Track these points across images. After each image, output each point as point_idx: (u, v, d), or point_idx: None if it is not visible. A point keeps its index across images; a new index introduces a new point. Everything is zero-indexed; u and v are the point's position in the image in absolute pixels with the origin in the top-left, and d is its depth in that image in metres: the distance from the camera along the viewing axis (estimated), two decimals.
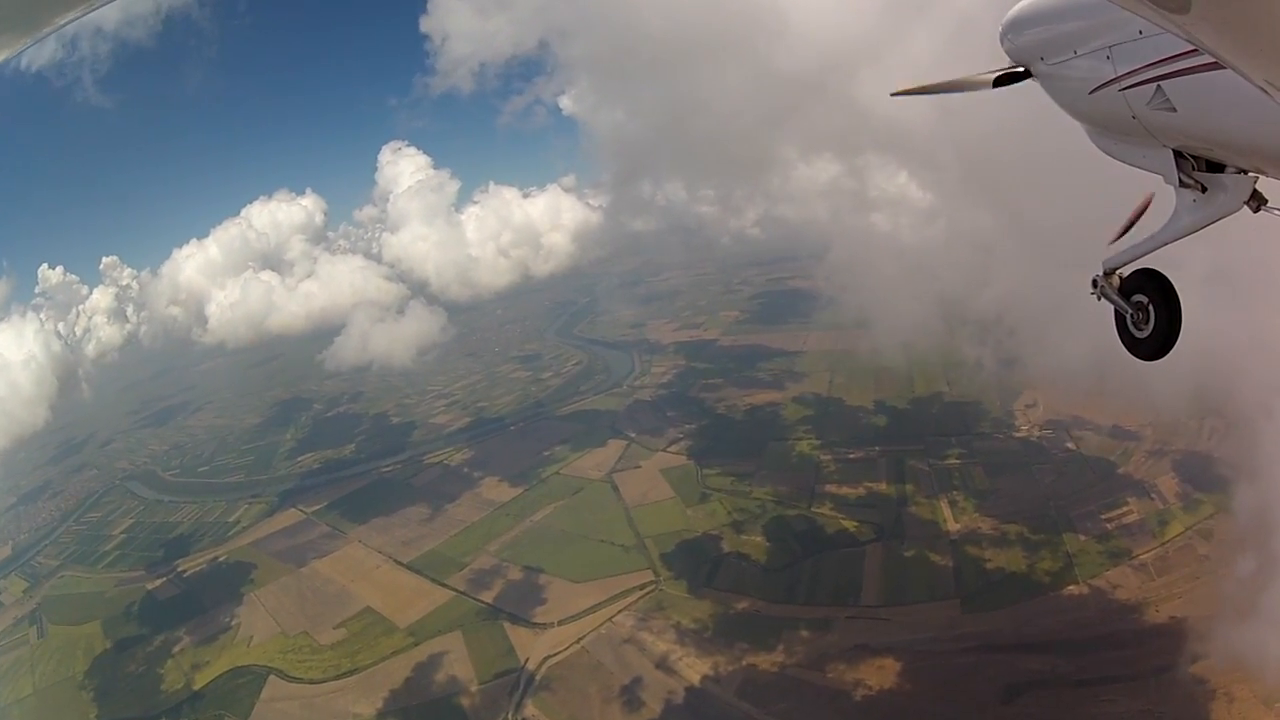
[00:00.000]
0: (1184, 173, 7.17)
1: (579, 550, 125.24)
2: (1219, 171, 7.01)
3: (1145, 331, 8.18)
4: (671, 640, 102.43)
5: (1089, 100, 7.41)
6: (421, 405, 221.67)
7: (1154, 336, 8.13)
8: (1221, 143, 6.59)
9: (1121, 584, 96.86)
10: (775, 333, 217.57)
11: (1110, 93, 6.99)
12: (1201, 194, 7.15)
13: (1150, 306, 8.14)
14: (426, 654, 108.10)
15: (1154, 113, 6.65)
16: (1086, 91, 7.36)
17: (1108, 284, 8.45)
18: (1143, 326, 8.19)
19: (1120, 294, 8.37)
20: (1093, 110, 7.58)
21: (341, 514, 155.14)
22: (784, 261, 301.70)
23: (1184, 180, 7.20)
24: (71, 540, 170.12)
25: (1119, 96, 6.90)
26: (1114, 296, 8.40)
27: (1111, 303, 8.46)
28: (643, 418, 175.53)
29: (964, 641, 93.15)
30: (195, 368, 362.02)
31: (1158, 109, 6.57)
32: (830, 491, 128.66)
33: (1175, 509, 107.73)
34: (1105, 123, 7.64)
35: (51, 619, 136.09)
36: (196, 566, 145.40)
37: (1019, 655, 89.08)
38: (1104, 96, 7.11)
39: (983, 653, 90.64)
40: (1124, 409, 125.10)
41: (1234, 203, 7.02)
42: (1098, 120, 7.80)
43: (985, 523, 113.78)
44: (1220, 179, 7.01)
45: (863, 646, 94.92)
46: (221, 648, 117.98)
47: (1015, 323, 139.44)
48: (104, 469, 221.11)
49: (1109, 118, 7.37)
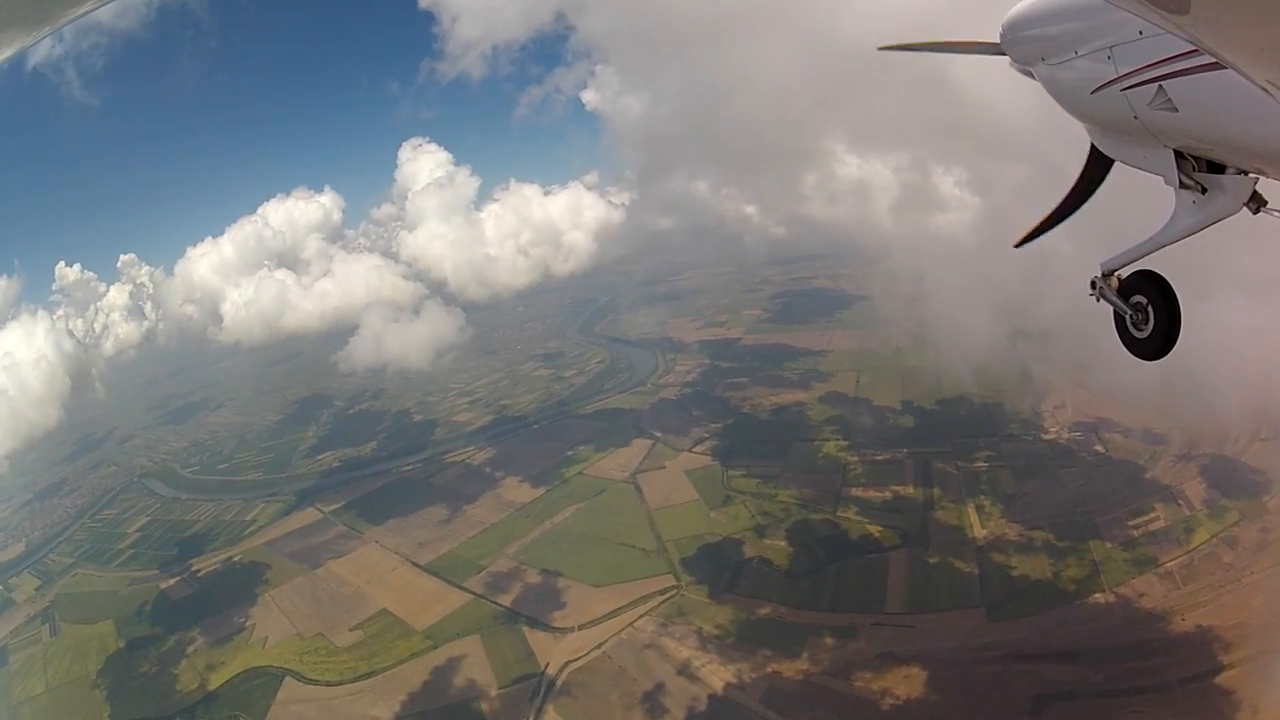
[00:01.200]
0: (1184, 173, 7.21)
1: (599, 553, 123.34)
2: (1219, 172, 7.04)
3: (1145, 332, 8.21)
4: (693, 646, 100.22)
5: (1090, 100, 7.45)
6: (444, 403, 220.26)
7: (1154, 337, 8.15)
8: (1223, 143, 6.60)
9: (1147, 592, 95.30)
10: (799, 332, 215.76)
11: (1112, 93, 7.01)
12: (1201, 195, 7.20)
13: (1149, 307, 8.16)
14: (444, 658, 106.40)
15: (1155, 113, 6.66)
16: (1088, 92, 7.39)
17: (1106, 285, 8.50)
18: (1142, 327, 8.21)
19: (1119, 295, 8.40)
20: (1094, 110, 7.62)
21: (359, 514, 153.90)
22: (807, 260, 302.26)
23: (1184, 181, 7.23)
24: (86, 538, 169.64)
25: (1120, 97, 6.92)
26: (1113, 298, 8.45)
27: (1110, 304, 8.50)
28: (667, 417, 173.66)
29: (990, 650, 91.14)
30: (214, 365, 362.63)
31: (1159, 109, 6.57)
32: (856, 495, 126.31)
33: (1201, 515, 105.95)
34: (1107, 123, 7.72)
35: (64, 617, 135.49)
36: (211, 566, 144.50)
37: (1046, 665, 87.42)
38: (1105, 97, 7.14)
39: (1010, 662, 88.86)
40: (1152, 411, 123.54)
41: (1234, 204, 7.06)
42: (1099, 120, 7.88)
43: (1011, 529, 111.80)
44: (1220, 180, 7.05)
45: (889, 655, 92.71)
46: (236, 649, 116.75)
47: (1076, 332, 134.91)
48: (122, 466, 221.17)
49: (1110, 118, 7.41)
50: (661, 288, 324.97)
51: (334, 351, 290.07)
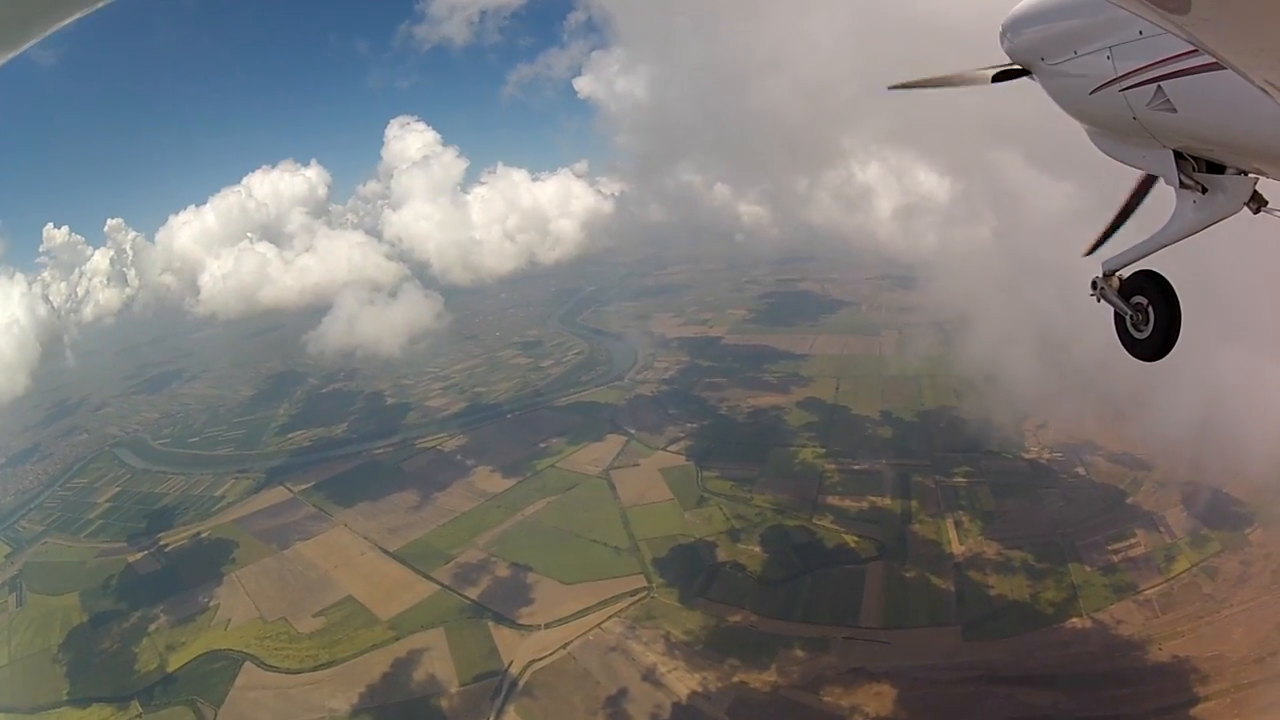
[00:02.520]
0: (1184, 174, 7.15)
1: (570, 550, 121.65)
2: (1219, 173, 6.99)
3: (1145, 333, 8.15)
4: (660, 651, 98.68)
5: (1089, 100, 7.34)
6: (418, 387, 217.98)
7: (1154, 337, 8.11)
8: (1222, 143, 6.52)
9: (1125, 619, 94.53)
10: (783, 334, 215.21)
11: (1111, 93, 6.91)
12: (1201, 195, 7.14)
13: (1150, 308, 8.12)
14: (406, 650, 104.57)
15: (1154, 113, 6.57)
16: (1087, 91, 7.29)
17: (1107, 285, 8.44)
18: (1142, 328, 8.16)
19: (1120, 295, 8.34)
20: (1093, 110, 7.51)
21: (328, 495, 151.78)
22: (796, 262, 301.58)
23: (1184, 181, 7.18)
24: (57, 506, 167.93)
25: (1120, 97, 6.83)
26: (1114, 298, 8.39)
27: (1111, 304, 8.43)
28: (643, 414, 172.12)
29: (964, 671, 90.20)
30: (192, 335, 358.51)
31: (1158, 109, 6.49)
32: (832, 503, 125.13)
33: (1182, 544, 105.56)
34: (1106, 123, 7.58)
35: (31, 587, 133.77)
36: (179, 541, 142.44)
37: (1020, 689, 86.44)
38: (1104, 97, 7.04)
39: (984, 684, 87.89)
40: (1134, 435, 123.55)
41: (1234, 204, 7.00)
42: (1098, 120, 7.75)
43: (990, 547, 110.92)
44: (1220, 180, 6.99)
45: (860, 670, 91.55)
46: (198, 629, 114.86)
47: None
48: (95, 434, 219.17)
49: (1109, 118, 7.30)
50: (648, 281, 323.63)
51: (308, 330, 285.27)
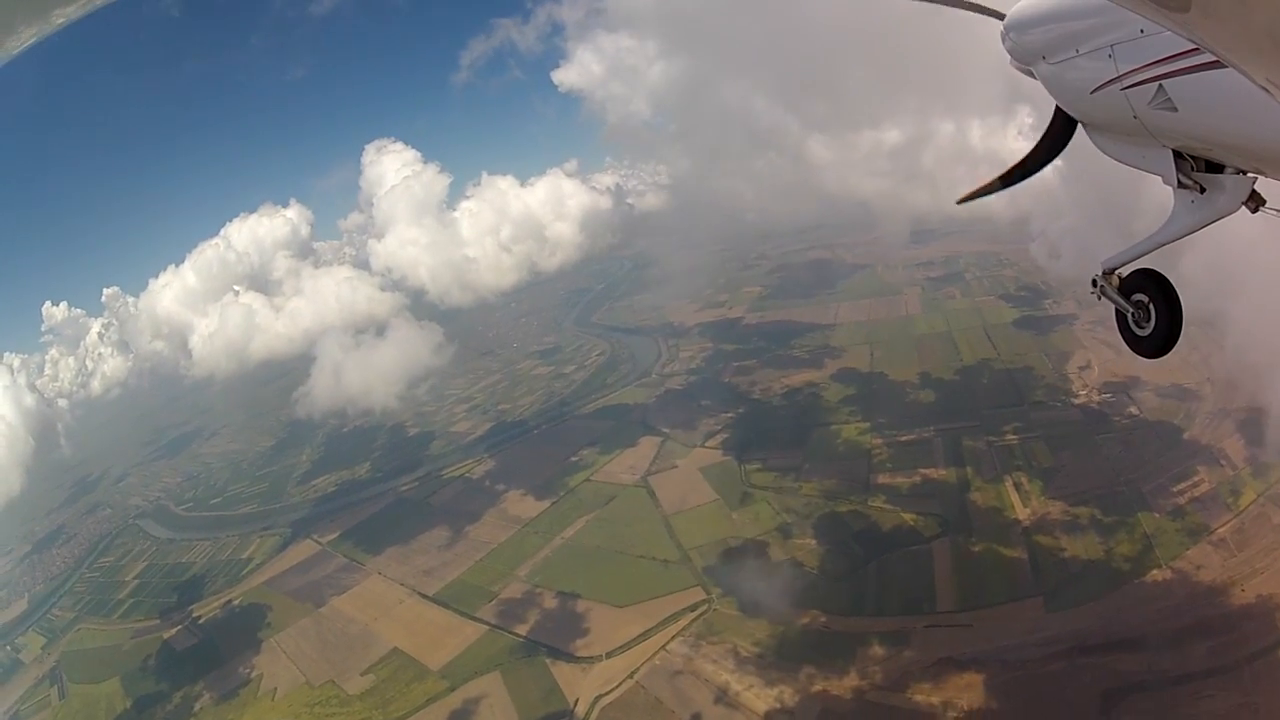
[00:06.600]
0: (1183, 173, 7.06)
1: (617, 569, 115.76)
2: (1218, 172, 6.93)
3: (1147, 329, 8.07)
4: (731, 668, 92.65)
5: (1090, 100, 7.26)
6: (440, 413, 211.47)
7: (1155, 335, 7.99)
8: (1222, 143, 6.49)
9: (1204, 563, 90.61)
10: (803, 306, 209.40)
11: (1112, 92, 6.83)
12: (1200, 194, 7.06)
13: (1151, 305, 8.01)
14: (462, 700, 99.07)
15: (1155, 112, 6.51)
16: (1088, 91, 7.19)
17: (1107, 283, 8.31)
18: (1144, 325, 8.09)
19: (1120, 293, 8.22)
20: (1094, 109, 7.44)
21: (357, 543, 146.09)
22: (799, 233, 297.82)
23: (1183, 181, 7.09)
24: (86, 589, 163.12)
25: (1120, 96, 6.74)
26: (1114, 296, 8.27)
27: (1112, 302, 8.31)
28: (675, 410, 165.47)
29: (1052, 645, 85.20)
30: (204, 391, 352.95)
31: (1159, 108, 6.43)
32: (884, 482, 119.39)
33: (1245, 474, 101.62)
34: (1106, 122, 7.50)
35: (71, 677, 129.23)
36: (211, 611, 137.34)
37: (1112, 655, 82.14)
38: (1105, 96, 6.95)
39: (1074, 656, 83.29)
40: (1180, 365, 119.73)
41: (1233, 203, 6.95)
42: (1098, 120, 7.65)
43: (1054, 506, 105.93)
44: (1219, 179, 6.93)
45: (947, 660, 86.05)
46: (244, 703, 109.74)
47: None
48: (117, 508, 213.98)
49: (1110, 117, 7.22)
50: (655, 271, 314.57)
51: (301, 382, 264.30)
